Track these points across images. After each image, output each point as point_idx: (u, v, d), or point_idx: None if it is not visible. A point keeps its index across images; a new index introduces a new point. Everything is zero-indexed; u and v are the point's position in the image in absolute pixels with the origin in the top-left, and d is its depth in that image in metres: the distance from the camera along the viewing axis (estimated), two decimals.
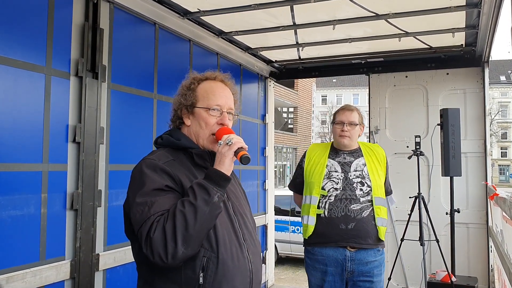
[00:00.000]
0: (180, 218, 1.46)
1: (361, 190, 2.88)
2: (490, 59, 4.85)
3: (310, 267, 2.96)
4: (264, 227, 5.55)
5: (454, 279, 4.19)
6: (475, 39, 4.41)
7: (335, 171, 2.93)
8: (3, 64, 2.38)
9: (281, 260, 9.33)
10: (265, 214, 5.52)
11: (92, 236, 2.85)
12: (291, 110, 29.85)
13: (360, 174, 2.92)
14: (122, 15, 3.21)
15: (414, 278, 4.96)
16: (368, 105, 5.49)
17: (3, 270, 2.33)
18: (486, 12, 3.50)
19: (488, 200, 4.66)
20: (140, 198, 1.52)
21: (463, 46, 4.69)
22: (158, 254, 1.45)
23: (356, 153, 3.00)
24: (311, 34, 4.35)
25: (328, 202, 2.87)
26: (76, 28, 2.83)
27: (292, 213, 9.38)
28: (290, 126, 30.03)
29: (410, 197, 4.42)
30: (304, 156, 3.12)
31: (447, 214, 4.48)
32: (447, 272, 4.17)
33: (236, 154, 1.59)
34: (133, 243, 1.66)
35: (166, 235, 1.45)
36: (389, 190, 3.12)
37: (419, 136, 4.51)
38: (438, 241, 4.38)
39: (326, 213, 2.85)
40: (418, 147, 4.44)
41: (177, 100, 1.76)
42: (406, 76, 5.30)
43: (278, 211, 8.49)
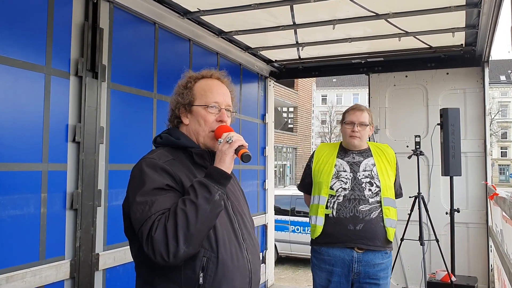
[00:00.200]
0: (181, 217, 1.45)
1: (370, 190, 2.82)
2: (490, 59, 4.85)
3: (316, 267, 2.92)
4: (264, 227, 5.54)
5: (454, 278, 4.19)
6: (475, 39, 4.41)
7: (344, 171, 2.88)
8: (3, 64, 2.38)
9: (281, 260, 9.34)
10: (265, 213, 5.52)
11: (92, 235, 2.85)
12: (291, 110, 29.86)
13: (369, 174, 2.86)
14: (122, 14, 3.21)
15: (414, 278, 4.96)
16: (368, 105, 5.47)
17: (3, 270, 2.32)
18: (486, 11, 3.50)
19: (488, 199, 4.66)
20: (140, 197, 1.51)
21: (463, 46, 4.69)
22: (160, 253, 1.44)
23: (366, 153, 2.94)
24: (311, 33, 4.34)
25: (336, 202, 2.82)
26: (76, 27, 2.83)
27: (292, 213, 9.39)
28: (290, 126, 30.03)
29: (410, 196, 4.40)
30: (312, 156, 3.06)
31: (447, 213, 4.48)
32: (447, 272, 4.17)
33: (236, 152, 1.57)
34: (132, 243, 1.65)
35: (168, 234, 1.44)
36: (399, 193, 3.04)
37: (419, 136, 4.52)
38: (438, 240, 4.38)
39: (335, 213, 2.80)
40: (418, 146, 4.45)
41: (174, 99, 1.76)
42: (406, 76, 5.29)
43: (278, 211, 8.50)
